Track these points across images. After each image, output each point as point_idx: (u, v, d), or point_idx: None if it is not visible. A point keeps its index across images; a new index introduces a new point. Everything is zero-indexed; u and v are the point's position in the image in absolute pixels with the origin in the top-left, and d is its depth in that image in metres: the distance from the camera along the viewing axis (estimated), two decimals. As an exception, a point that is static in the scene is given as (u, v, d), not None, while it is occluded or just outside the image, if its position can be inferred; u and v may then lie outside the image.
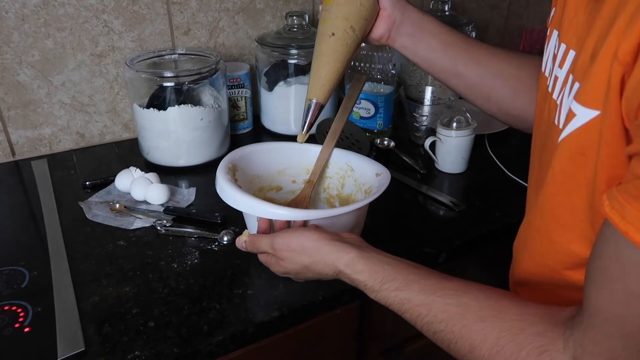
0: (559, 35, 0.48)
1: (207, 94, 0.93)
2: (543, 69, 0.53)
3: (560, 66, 0.46)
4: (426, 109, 1.03)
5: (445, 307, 0.47)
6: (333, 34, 0.63)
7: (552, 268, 0.49)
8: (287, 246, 0.56)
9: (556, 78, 0.47)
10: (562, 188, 0.44)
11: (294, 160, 0.74)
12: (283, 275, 0.60)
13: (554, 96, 0.47)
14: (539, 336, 0.41)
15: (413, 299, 0.49)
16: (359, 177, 0.71)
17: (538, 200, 0.49)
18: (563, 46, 0.46)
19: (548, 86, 0.49)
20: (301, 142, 0.67)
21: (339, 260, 0.53)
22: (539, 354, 0.40)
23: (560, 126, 0.43)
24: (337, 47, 0.63)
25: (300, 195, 0.72)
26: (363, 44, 1.05)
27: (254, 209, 0.60)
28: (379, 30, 0.67)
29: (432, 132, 0.98)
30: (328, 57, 0.63)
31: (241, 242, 0.62)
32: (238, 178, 0.67)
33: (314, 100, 0.63)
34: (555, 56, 0.48)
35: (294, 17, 1.04)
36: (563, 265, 0.47)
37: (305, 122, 0.64)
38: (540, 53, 0.67)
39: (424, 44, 0.68)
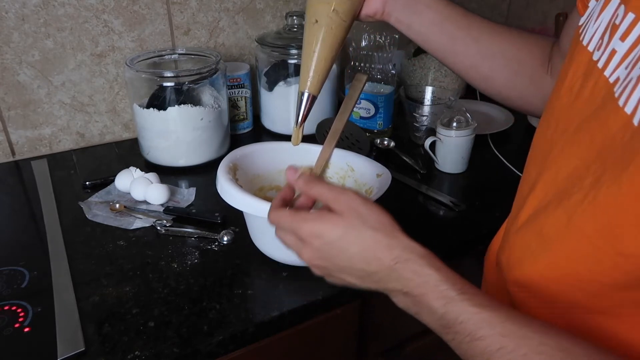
0: (622, 3, 0.41)
1: (207, 94, 0.93)
2: (585, 44, 0.46)
3: (623, 39, 0.40)
4: (426, 109, 1.03)
5: (541, 347, 0.37)
6: (316, 21, 0.60)
7: (581, 277, 0.41)
8: (363, 204, 0.47)
9: (613, 52, 0.41)
10: None
11: (295, 160, 0.73)
12: (313, 249, 0.47)
13: (607, 72, 0.41)
14: None
15: (497, 325, 0.39)
16: (359, 177, 0.71)
17: (598, 196, 0.39)
18: (631, 16, 0.40)
19: (597, 62, 0.43)
20: (296, 145, 0.67)
21: (416, 248, 0.46)
22: None
23: (632, 106, 0.36)
24: (322, 34, 0.60)
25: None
26: (363, 44, 1.07)
27: (255, 209, 0.59)
28: (373, 6, 0.64)
29: (432, 132, 0.98)
30: (314, 46, 0.61)
31: (296, 175, 0.50)
32: (239, 177, 0.67)
33: (305, 92, 0.62)
34: (615, 27, 0.42)
35: (294, 17, 1.04)
36: (601, 276, 0.39)
37: (298, 115, 0.63)
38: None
39: (419, 17, 0.64)
